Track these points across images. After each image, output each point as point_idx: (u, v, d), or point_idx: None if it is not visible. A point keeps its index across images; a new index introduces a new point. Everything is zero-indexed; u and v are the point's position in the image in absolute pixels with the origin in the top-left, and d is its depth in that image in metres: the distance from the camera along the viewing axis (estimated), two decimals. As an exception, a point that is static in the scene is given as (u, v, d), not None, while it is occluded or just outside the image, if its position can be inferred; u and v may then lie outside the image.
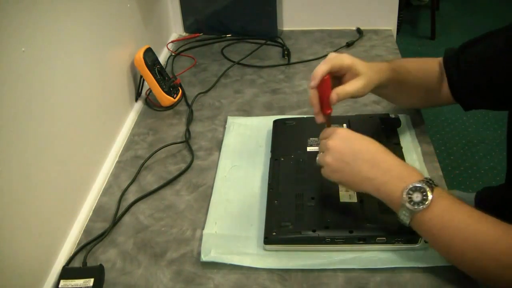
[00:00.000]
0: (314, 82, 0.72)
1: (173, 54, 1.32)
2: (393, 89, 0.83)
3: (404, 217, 0.64)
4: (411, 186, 0.63)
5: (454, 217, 0.62)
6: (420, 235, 0.66)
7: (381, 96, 0.91)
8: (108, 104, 0.97)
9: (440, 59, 0.89)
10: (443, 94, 0.87)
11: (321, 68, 0.73)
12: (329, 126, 0.76)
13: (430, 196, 0.62)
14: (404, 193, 0.63)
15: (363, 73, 0.75)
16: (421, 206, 0.62)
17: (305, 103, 1.08)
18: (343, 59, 0.75)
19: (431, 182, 0.64)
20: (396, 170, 0.66)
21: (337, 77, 0.76)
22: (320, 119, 0.76)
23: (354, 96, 0.75)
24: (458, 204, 0.63)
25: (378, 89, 0.80)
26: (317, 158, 0.74)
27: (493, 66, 0.79)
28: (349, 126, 0.92)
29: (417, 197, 0.62)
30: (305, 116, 1.00)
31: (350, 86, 0.74)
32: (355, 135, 0.71)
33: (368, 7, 1.36)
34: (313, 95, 0.74)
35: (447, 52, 0.88)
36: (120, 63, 1.03)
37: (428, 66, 0.88)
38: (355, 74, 0.75)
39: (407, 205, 0.63)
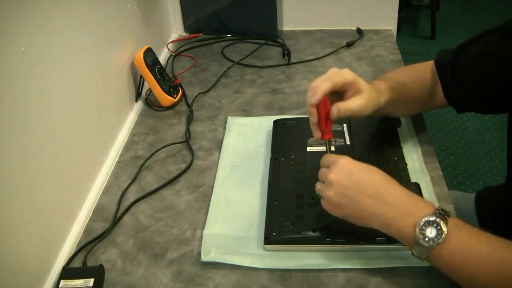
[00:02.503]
0: (315, 99, 0.68)
1: (173, 54, 1.32)
2: (391, 107, 0.81)
3: (420, 254, 0.60)
4: (423, 221, 0.59)
5: (474, 248, 0.58)
6: (439, 269, 0.61)
7: (378, 113, 0.88)
8: (108, 104, 0.97)
9: (431, 63, 0.87)
10: (437, 99, 0.86)
11: (323, 86, 0.68)
12: (329, 151, 0.73)
13: (445, 230, 0.58)
14: (417, 230, 0.59)
15: (365, 90, 0.72)
16: (437, 242, 0.58)
17: (305, 103, 1.07)
18: (344, 75, 0.71)
19: (443, 213, 0.60)
20: (403, 204, 0.62)
21: (336, 93, 0.73)
22: (318, 135, 0.72)
23: (355, 114, 0.71)
24: (476, 233, 0.59)
25: (377, 110, 0.77)
26: (317, 187, 0.70)
27: (487, 69, 0.78)
28: (349, 126, 0.92)
29: (431, 232, 0.58)
30: (305, 116, 1.00)
31: (353, 103, 0.71)
32: (357, 166, 0.67)
33: (368, 7, 1.36)
34: (313, 113, 0.70)
35: (440, 56, 0.86)
36: (120, 63, 1.03)
37: (420, 75, 0.86)
38: (357, 91, 0.72)
39: (422, 242, 0.59)
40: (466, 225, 0.60)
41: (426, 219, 0.59)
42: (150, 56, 1.08)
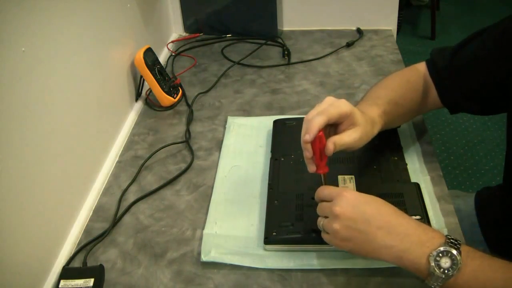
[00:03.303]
0: (309, 136, 0.65)
1: (173, 54, 1.32)
2: (384, 128, 0.80)
3: (435, 284, 0.59)
4: (436, 252, 0.59)
5: (489, 277, 0.58)
6: None
7: None
8: (108, 104, 0.97)
9: (423, 68, 0.86)
10: (429, 104, 0.85)
11: (317, 121, 0.66)
12: (324, 184, 0.70)
13: (459, 259, 0.58)
14: (432, 261, 0.58)
15: (360, 124, 0.70)
16: (452, 273, 0.58)
17: (305, 103, 1.08)
18: (341, 107, 0.68)
19: (454, 241, 0.59)
20: (414, 235, 0.61)
21: (331, 124, 0.70)
22: (313, 168, 0.70)
23: (350, 147, 0.69)
24: (489, 261, 0.59)
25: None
26: (320, 223, 0.67)
27: (485, 68, 0.77)
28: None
29: (445, 262, 0.58)
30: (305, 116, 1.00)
31: (348, 137, 0.69)
32: (363, 198, 0.65)
33: (368, 7, 1.36)
34: (307, 149, 0.68)
35: (435, 58, 0.85)
36: (120, 63, 1.03)
37: (412, 87, 0.84)
38: (352, 124, 0.69)
39: (438, 273, 0.58)
40: (478, 252, 0.60)
41: (439, 249, 0.59)
42: (150, 56, 1.08)
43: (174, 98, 1.09)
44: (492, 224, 0.91)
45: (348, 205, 0.64)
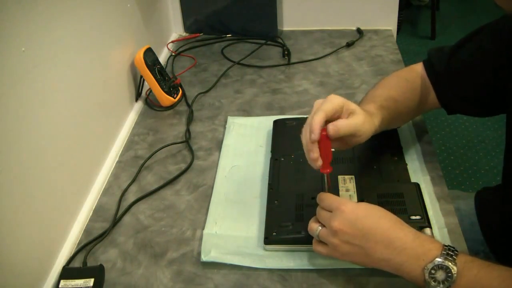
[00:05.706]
0: (314, 135, 0.65)
1: (173, 54, 1.32)
2: (385, 125, 0.79)
3: None
4: (431, 265, 0.59)
5: (486, 286, 0.58)
6: None
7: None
8: (108, 104, 0.97)
9: (420, 68, 0.86)
10: (429, 104, 0.86)
11: (317, 119, 0.66)
12: (329, 185, 0.70)
13: (454, 271, 0.58)
14: (426, 275, 0.59)
15: (358, 111, 0.70)
16: (448, 284, 0.58)
17: (305, 103, 1.08)
18: (333, 101, 0.68)
19: (451, 252, 0.60)
20: (411, 248, 0.62)
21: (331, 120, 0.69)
22: (318, 163, 0.68)
23: (356, 133, 0.69)
24: (486, 270, 0.59)
25: (374, 132, 0.75)
26: (317, 231, 0.67)
27: (481, 72, 0.77)
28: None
29: (440, 275, 0.59)
30: (305, 116, 1.00)
31: (350, 120, 0.68)
32: (362, 211, 0.65)
33: (368, 7, 1.36)
34: (313, 149, 0.67)
35: (431, 60, 0.85)
36: (120, 63, 1.03)
37: (411, 85, 0.84)
38: (350, 112, 0.69)
39: (433, 285, 0.59)
40: (475, 261, 0.60)
41: (434, 262, 0.59)
42: (150, 56, 1.08)
43: (174, 98, 1.09)
44: (492, 224, 0.91)
45: (347, 221, 0.64)
